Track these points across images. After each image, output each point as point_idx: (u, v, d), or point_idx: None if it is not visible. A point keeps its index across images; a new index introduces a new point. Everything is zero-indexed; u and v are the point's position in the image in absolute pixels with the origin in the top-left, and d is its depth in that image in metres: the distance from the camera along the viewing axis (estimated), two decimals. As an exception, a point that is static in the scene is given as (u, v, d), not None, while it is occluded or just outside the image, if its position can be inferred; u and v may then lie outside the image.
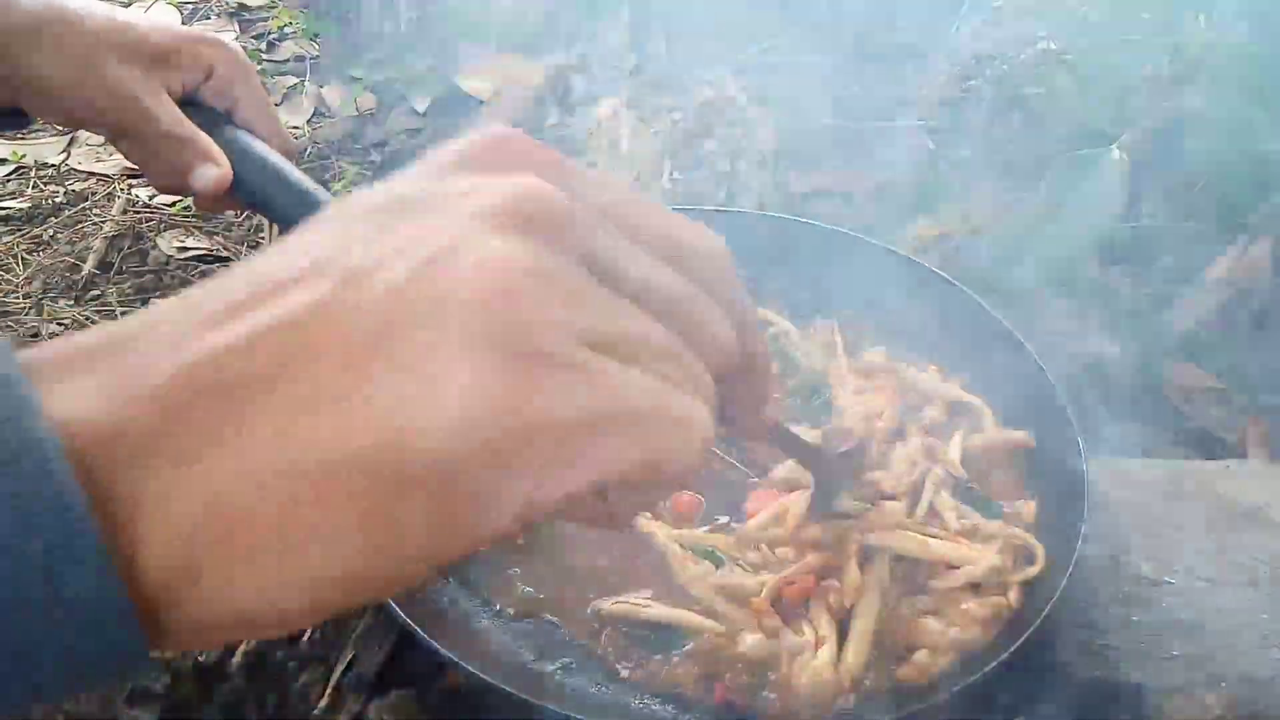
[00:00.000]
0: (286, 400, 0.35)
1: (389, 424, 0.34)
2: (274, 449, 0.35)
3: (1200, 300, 1.63)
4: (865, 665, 0.99)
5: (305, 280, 0.36)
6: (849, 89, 2.06)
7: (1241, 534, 1.17)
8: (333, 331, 0.35)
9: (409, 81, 2.38)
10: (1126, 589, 1.08)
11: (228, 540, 0.35)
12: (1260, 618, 1.05)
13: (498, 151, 0.42)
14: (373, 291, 0.35)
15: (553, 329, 0.36)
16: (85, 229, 2.05)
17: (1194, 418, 1.67)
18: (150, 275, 1.94)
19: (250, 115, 1.29)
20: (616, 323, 0.38)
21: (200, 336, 0.36)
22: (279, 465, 0.35)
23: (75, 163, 2.25)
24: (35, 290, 1.89)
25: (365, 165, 2.21)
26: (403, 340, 0.35)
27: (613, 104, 1.90)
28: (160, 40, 1.21)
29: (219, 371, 0.35)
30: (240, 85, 1.28)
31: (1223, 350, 1.74)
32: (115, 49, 1.16)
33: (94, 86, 1.16)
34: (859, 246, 1.40)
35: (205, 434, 0.35)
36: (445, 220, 0.37)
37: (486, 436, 0.34)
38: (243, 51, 1.30)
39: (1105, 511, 1.17)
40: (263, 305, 0.36)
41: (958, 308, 1.31)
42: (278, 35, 2.67)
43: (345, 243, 0.37)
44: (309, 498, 0.35)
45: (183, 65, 1.23)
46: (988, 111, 1.89)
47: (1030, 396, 1.23)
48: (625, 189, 0.45)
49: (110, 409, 0.35)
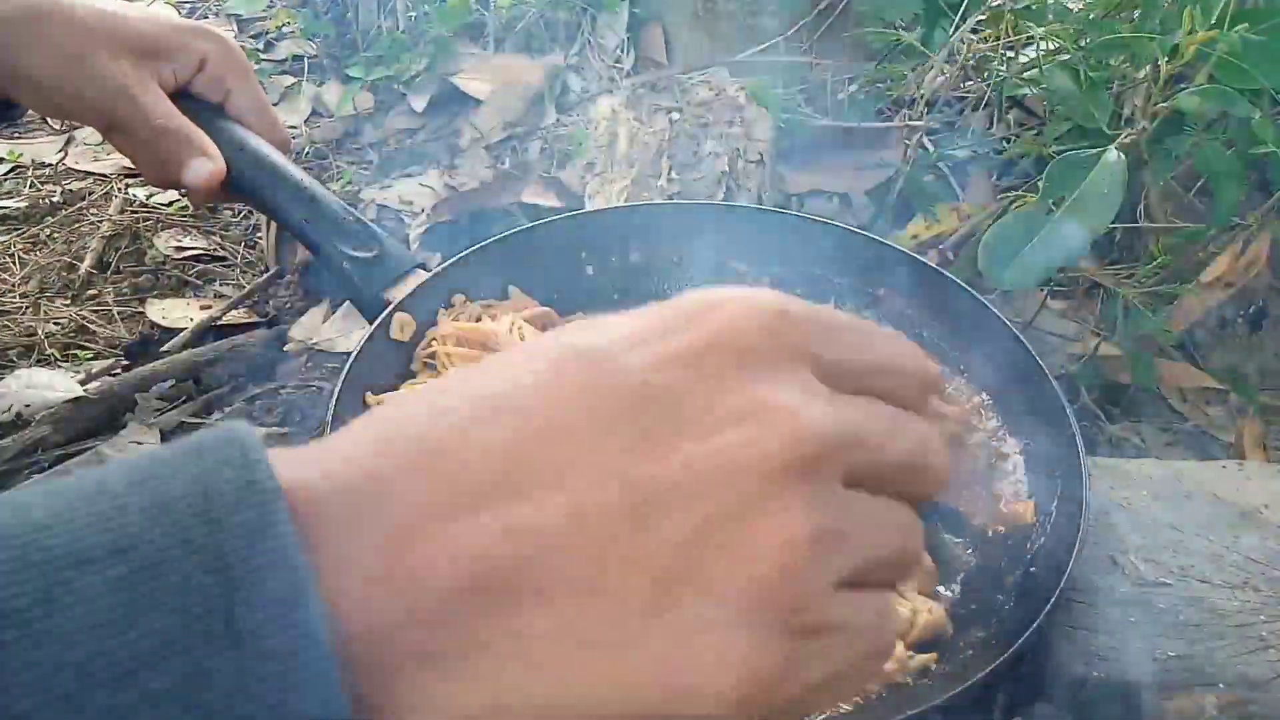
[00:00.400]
0: (562, 627, 0.35)
1: (670, 681, 0.35)
2: (546, 678, 0.35)
3: (1197, 300, 1.63)
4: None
5: (580, 480, 0.36)
6: (847, 89, 2.06)
7: (1239, 535, 1.17)
8: (616, 569, 0.35)
9: (407, 81, 2.38)
10: (1124, 589, 1.08)
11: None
12: (1258, 619, 1.05)
13: (773, 341, 0.41)
14: (659, 539, 0.36)
15: (821, 597, 0.38)
16: (82, 228, 2.05)
17: (1191, 418, 1.68)
18: (147, 275, 1.94)
19: (244, 107, 1.27)
20: (867, 553, 0.40)
21: (473, 517, 0.35)
22: (552, 696, 0.35)
23: (72, 162, 2.25)
24: (32, 290, 1.89)
25: (363, 165, 2.21)
26: (686, 600, 0.36)
27: (611, 103, 1.90)
28: (151, 31, 1.20)
29: (493, 576, 0.35)
30: (233, 77, 1.27)
31: (1220, 350, 1.75)
32: (105, 41, 1.15)
33: (84, 79, 1.15)
34: (854, 240, 1.41)
35: (478, 648, 0.35)
36: (726, 469, 0.37)
37: (757, 705, 0.36)
38: (235, 43, 1.29)
39: (1103, 511, 1.17)
40: (534, 496, 0.36)
41: (957, 305, 1.31)
42: (275, 35, 2.67)
43: (613, 443, 0.37)
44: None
45: (174, 57, 1.22)
46: (985, 112, 1.89)
47: (1031, 397, 1.23)
48: (886, 346, 0.47)
49: (381, 607, 0.34)
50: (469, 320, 1.24)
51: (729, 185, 1.76)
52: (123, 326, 1.83)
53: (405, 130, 2.30)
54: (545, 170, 2.06)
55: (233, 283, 1.95)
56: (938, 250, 1.80)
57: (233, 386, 1.70)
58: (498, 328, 1.21)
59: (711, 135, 1.81)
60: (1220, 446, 1.63)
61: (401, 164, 2.20)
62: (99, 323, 1.83)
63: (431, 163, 2.20)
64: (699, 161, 1.77)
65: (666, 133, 1.79)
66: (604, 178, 1.78)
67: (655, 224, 1.42)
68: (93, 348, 1.78)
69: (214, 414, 1.64)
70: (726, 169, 1.75)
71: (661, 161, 1.75)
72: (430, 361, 1.21)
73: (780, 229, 1.41)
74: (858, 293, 1.40)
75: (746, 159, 1.79)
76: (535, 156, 2.13)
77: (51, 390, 1.63)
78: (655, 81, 1.96)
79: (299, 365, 1.73)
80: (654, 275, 1.42)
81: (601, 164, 1.81)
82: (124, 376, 1.67)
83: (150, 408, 1.64)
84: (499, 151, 2.17)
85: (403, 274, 1.25)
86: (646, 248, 1.42)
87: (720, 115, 1.85)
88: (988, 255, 1.39)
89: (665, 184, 1.71)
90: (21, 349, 1.76)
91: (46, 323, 1.82)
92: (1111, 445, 1.58)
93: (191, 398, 1.68)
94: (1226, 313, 1.73)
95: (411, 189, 2.10)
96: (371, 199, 2.07)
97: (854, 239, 1.41)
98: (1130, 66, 1.63)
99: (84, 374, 1.69)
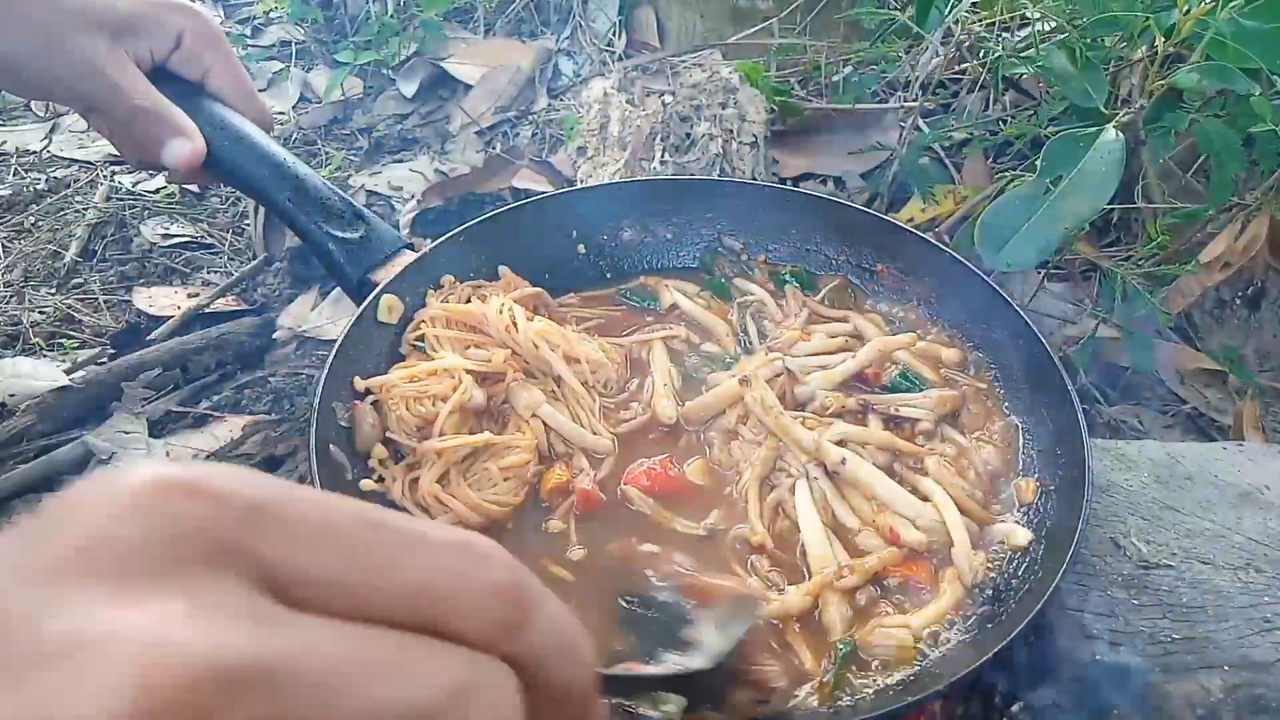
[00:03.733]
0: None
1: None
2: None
3: (1195, 281, 1.62)
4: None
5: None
6: (841, 70, 2.04)
7: (1240, 516, 1.15)
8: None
9: (396, 66, 2.35)
10: (1127, 571, 1.07)
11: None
12: (1262, 600, 1.04)
13: (171, 541, 0.33)
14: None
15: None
16: (67, 216, 2.02)
17: (1189, 399, 1.66)
18: (134, 262, 1.91)
19: (222, 84, 1.25)
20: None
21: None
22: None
23: (57, 149, 2.22)
24: (16, 279, 1.86)
25: (352, 151, 2.18)
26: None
27: (602, 86, 1.88)
28: (124, 8, 1.18)
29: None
30: (210, 52, 1.25)
31: (1218, 332, 1.74)
32: (79, 19, 1.13)
33: (58, 58, 1.13)
34: (851, 213, 1.40)
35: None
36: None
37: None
38: (212, 16, 1.27)
39: (1104, 493, 1.16)
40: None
41: (965, 284, 1.30)
42: (263, 20, 2.64)
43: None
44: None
45: (150, 33, 1.20)
46: (980, 93, 1.87)
47: (1034, 377, 1.21)
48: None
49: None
50: (459, 302, 1.22)
51: (722, 168, 1.74)
52: (109, 315, 1.80)
53: (395, 115, 2.27)
54: (536, 154, 2.04)
55: (220, 270, 1.92)
56: (934, 233, 1.78)
57: (221, 375, 1.68)
58: (487, 309, 1.19)
59: (704, 118, 1.79)
60: (1219, 428, 1.62)
61: (391, 149, 2.18)
62: (85, 311, 1.81)
63: (421, 148, 2.17)
64: (692, 144, 1.75)
65: (659, 115, 1.77)
66: (596, 161, 1.75)
67: (646, 200, 1.40)
68: (79, 336, 1.75)
69: (201, 402, 1.62)
70: (720, 152, 1.73)
71: (654, 144, 1.73)
72: (419, 344, 1.19)
73: (775, 204, 1.40)
74: (855, 268, 1.38)
75: (740, 141, 1.77)
76: (526, 141, 2.11)
77: (36, 380, 1.60)
78: (647, 64, 1.94)
79: (288, 353, 1.71)
80: (646, 253, 1.41)
81: (593, 148, 1.78)
82: (110, 365, 1.65)
83: (137, 396, 1.62)
84: (490, 136, 2.15)
85: (390, 255, 1.23)
86: (638, 225, 1.40)
87: (713, 98, 1.82)
88: (985, 236, 1.37)
89: (658, 167, 1.69)
90: (6, 338, 1.74)
91: (31, 311, 1.79)
92: (1110, 428, 1.56)
93: (179, 386, 1.66)
94: (1224, 294, 1.72)
95: (401, 174, 2.08)
96: (361, 185, 2.05)
97: (848, 213, 1.40)
98: (1126, 46, 1.62)
99: (70, 363, 1.66)
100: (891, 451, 1.15)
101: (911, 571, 1.06)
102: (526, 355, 1.17)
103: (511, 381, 1.15)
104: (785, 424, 1.15)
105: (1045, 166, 1.38)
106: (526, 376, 1.17)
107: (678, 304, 1.33)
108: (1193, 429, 1.63)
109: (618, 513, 1.09)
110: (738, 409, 1.19)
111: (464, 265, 1.27)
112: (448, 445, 1.08)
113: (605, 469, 1.13)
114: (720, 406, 1.19)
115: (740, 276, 1.38)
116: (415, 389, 1.12)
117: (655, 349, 1.27)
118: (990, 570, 1.05)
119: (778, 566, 1.05)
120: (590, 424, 1.16)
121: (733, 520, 1.09)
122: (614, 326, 1.30)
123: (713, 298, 1.36)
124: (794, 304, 1.34)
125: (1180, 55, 1.54)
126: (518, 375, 1.15)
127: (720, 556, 1.06)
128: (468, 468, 1.09)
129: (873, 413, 1.20)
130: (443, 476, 1.08)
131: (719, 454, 1.16)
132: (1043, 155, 1.39)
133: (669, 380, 1.22)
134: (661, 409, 1.18)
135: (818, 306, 1.34)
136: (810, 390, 1.20)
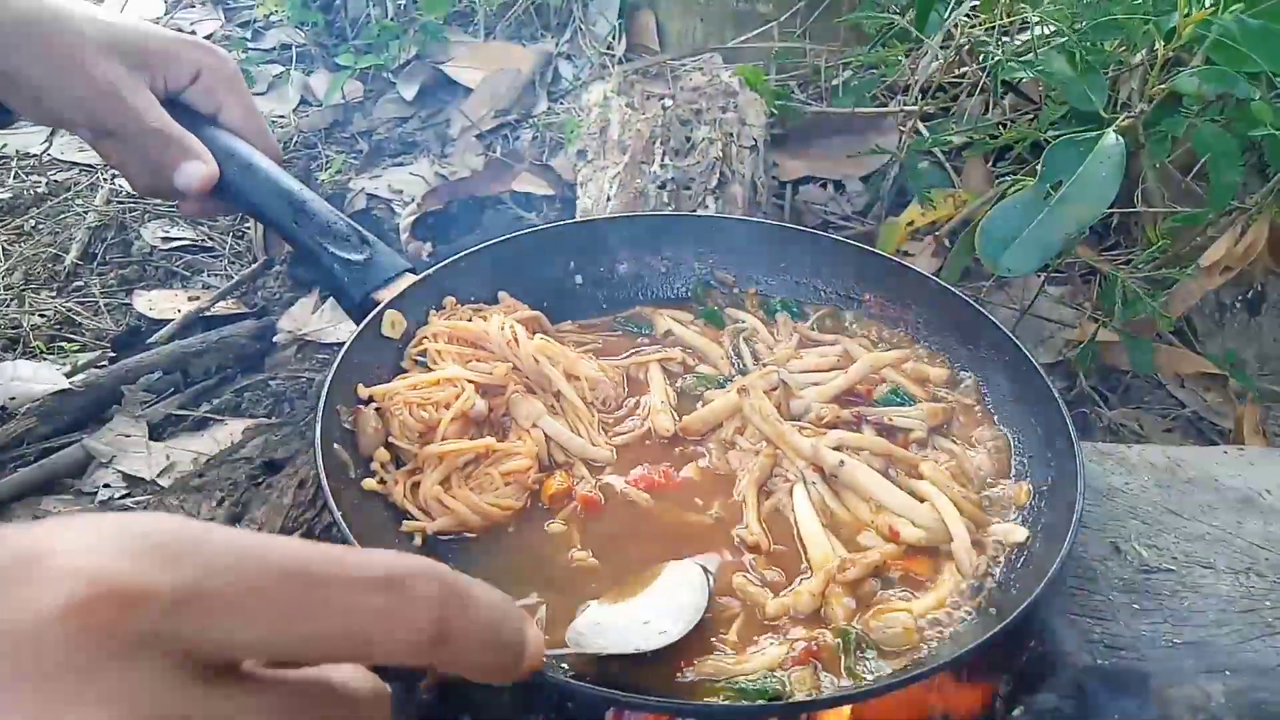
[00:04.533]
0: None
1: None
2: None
3: (1195, 285, 1.62)
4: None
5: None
6: (841, 74, 2.04)
7: (1241, 520, 1.15)
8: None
9: (396, 69, 2.35)
10: (1128, 576, 1.07)
11: None
12: (1264, 604, 1.04)
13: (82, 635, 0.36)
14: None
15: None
16: (68, 219, 2.02)
17: (1190, 403, 1.67)
18: (134, 266, 1.91)
19: (236, 119, 1.28)
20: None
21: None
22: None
23: (57, 152, 2.22)
24: (16, 281, 1.86)
25: (353, 154, 2.19)
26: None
27: (602, 90, 1.88)
28: (146, 40, 1.21)
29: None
30: (226, 90, 1.28)
31: (1218, 335, 1.74)
32: (100, 46, 1.16)
33: (78, 83, 1.16)
34: (840, 246, 1.42)
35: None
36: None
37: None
38: (230, 56, 1.30)
39: (1104, 498, 1.16)
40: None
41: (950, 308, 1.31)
42: (263, 23, 2.65)
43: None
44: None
45: (168, 66, 1.23)
46: (980, 97, 1.88)
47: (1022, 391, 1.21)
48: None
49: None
50: (460, 321, 1.24)
51: (722, 172, 1.74)
52: (109, 318, 1.80)
53: (395, 119, 2.28)
54: (537, 158, 2.04)
55: (220, 273, 1.93)
56: (934, 237, 1.78)
57: (221, 378, 1.68)
58: (489, 325, 1.20)
59: (704, 121, 1.79)
60: (1219, 432, 1.62)
61: (391, 152, 2.18)
62: (85, 314, 1.81)
63: (422, 151, 2.18)
64: (692, 148, 1.75)
65: (659, 119, 1.77)
66: (595, 165, 1.75)
67: (643, 234, 1.42)
68: (79, 339, 1.75)
69: (202, 405, 1.62)
70: (719, 155, 1.73)
71: (654, 148, 1.73)
72: (421, 359, 1.20)
73: (766, 239, 1.42)
74: (845, 299, 1.40)
75: (740, 145, 1.77)
76: (526, 144, 2.11)
77: (37, 383, 1.61)
78: (647, 68, 1.94)
79: (288, 356, 1.71)
80: (642, 284, 1.43)
81: (593, 151, 1.78)
82: (110, 368, 1.65)
83: (137, 400, 1.62)
84: (490, 139, 2.15)
85: (393, 277, 1.25)
86: (634, 258, 1.42)
87: (713, 102, 1.82)
88: (985, 240, 1.38)
89: (658, 170, 1.69)
90: (6, 341, 1.74)
91: (32, 314, 1.79)
92: (1110, 431, 1.56)
93: (179, 389, 1.66)
94: (1224, 297, 1.72)
95: (402, 177, 2.08)
96: (361, 188, 2.05)
97: (840, 248, 1.42)
98: (1126, 50, 1.62)
99: (70, 366, 1.66)
100: (887, 458, 1.16)
101: (912, 565, 1.06)
102: (527, 370, 1.18)
103: (512, 394, 1.16)
104: (783, 431, 1.16)
105: (1045, 171, 1.38)
106: (527, 391, 1.18)
107: (672, 330, 1.35)
108: (1193, 433, 1.63)
109: (618, 514, 1.10)
110: (735, 421, 1.20)
111: (465, 289, 1.29)
112: (449, 449, 1.08)
113: (605, 478, 1.14)
114: (719, 419, 1.21)
115: (732, 306, 1.40)
116: (418, 395, 1.12)
117: (652, 370, 1.29)
118: (990, 565, 1.05)
119: (775, 565, 1.05)
120: (590, 435, 1.17)
121: (732, 520, 1.10)
122: (611, 350, 1.32)
123: (706, 324, 1.38)
124: (785, 330, 1.36)
125: (1180, 59, 1.54)
126: (518, 388, 1.17)
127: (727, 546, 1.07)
128: (469, 473, 1.10)
129: (867, 423, 1.21)
130: (444, 481, 1.08)
131: (716, 462, 1.17)
132: (1043, 160, 1.39)
133: (666, 397, 1.24)
134: (660, 422, 1.20)
135: (808, 332, 1.36)
136: (805, 404, 1.22)
